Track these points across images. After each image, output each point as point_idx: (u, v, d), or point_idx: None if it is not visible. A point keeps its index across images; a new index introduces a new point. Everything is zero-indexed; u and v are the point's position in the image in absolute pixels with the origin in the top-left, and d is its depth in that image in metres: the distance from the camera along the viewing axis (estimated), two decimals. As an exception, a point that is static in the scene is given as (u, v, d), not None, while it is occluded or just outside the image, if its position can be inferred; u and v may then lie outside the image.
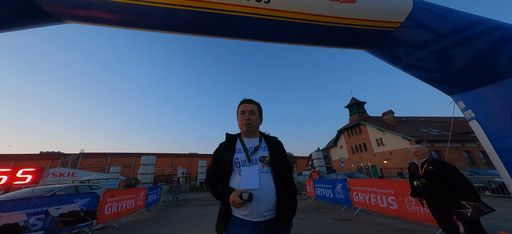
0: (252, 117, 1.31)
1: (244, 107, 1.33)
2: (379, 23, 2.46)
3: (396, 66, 3.01)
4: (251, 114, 1.31)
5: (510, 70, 2.18)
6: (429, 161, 2.83)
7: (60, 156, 32.35)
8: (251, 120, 1.30)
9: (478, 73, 2.36)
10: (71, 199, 4.50)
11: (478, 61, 2.29)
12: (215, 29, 2.54)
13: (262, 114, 1.44)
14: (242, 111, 1.33)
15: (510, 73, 2.18)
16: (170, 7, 2.24)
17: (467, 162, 17.68)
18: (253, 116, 1.32)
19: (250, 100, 1.37)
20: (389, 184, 4.25)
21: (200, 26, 2.47)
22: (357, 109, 27.02)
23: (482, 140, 2.50)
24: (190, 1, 2.22)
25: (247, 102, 1.36)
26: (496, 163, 2.38)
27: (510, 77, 2.20)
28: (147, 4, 2.21)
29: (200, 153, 40.61)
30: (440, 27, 2.35)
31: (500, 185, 7.67)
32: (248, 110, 1.31)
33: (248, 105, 1.33)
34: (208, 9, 2.27)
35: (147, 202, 7.20)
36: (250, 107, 1.32)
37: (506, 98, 2.24)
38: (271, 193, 1.14)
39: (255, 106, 1.35)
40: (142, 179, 15.78)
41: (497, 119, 2.31)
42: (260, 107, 1.41)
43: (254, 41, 2.82)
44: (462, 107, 2.70)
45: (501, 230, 2.00)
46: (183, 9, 2.25)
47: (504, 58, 2.15)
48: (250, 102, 1.36)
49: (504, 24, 2.25)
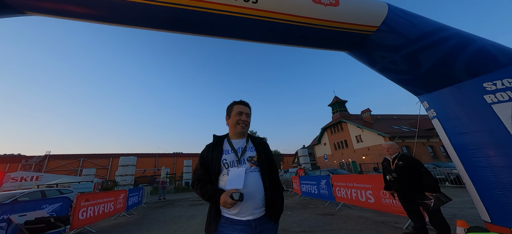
0: (248, 119, 1.38)
1: (242, 108, 1.37)
2: (359, 26, 2.63)
3: (373, 68, 3.24)
4: (248, 116, 1.38)
5: (465, 74, 2.47)
6: (399, 157, 3.12)
7: (21, 159, 28.87)
8: (247, 122, 1.36)
9: (439, 76, 2.65)
10: (38, 205, 4.10)
11: (440, 65, 2.56)
12: (200, 27, 2.49)
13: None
14: (239, 112, 1.35)
15: (466, 76, 2.48)
16: (152, 4, 2.13)
17: (431, 155, 19.77)
18: (249, 118, 1.39)
19: (247, 103, 1.43)
20: (367, 179, 4.60)
21: (183, 24, 2.40)
22: (339, 108, 28.42)
23: (442, 136, 2.83)
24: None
25: (245, 104, 1.41)
26: (453, 157, 2.71)
27: (465, 80, 2.50)
28: (131, 1, 2.07)
29: (185, 153, 39.29)
30: (410, 33, 2.58)
31: (457, 176, 8.73)
32: (245, 112, 1.37)
33: (246, 108, 1.39)
34: (192, 7, 2.21)
35: (128, 204, 6.81)
36: (248, 110, 1.39)
37: (462, 99, 2.55)
38: (260, 191, 1.19)
39: (250, 109, 1.42)
40: (121, 181, 14.82)
41: (454, 117, 2.62)
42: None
43: (240, 40, 2.82)
44: (426, 107, 3.02)
45: (458, 218, 2.31)
46: (164, 6, 2.16)
47: (460, 63, 2.44)
48: (247, 105, 1.42)
49: (461, 32, 2.54)
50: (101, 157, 32.77)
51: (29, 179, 13.64)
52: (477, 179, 2.41)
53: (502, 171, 2.17)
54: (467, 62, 2.41)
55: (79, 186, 12.77)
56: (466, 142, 2.48)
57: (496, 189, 2.22)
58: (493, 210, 2.28)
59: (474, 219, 3.50)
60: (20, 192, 6.10)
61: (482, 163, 2.33)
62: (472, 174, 2.46)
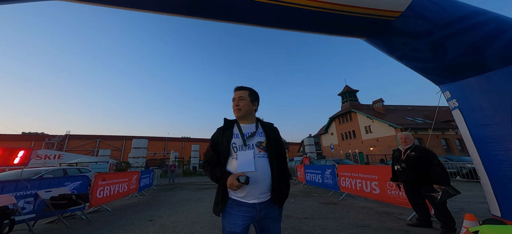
0: (241, 102, 1.34)
1: (234, 94, 1.39)
2: (380, 12, 2.41)
3: (391, 55, 3.03)
4: (240, 100, 1.35)
5: (498, 62, 2.24)
6: (412, 148, 3.03)
7: (44, 137, 31.02)
8: (240, 105, 1.34)
9: (467, 64, 2.43)
10: (61, 182, 4.45)
11: (470, 53, 2.33)
12: (213, 12, 2.41)
13: (258, 100, 1.45)
14: (233, 99, 1.39)
15: (497, 65, 2.26)
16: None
17: (444, 149, 19.10)
18: (242, 101, 1.35)
19: (239, 87, 1.41)
20: (374, 170, 4.55)
21: (197, 9, 2.32)
22: (349, 97, 27.61)
23: (462, 128, 2.68)
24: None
25: (236, 89, 1.41)
26: (471, 149, 2.59)
27: (496, 69, 2.28)
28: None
29: (193, 137, 40.51)
30: (439, 18, 2.33)
31: (470, 170, 8.44)
32: (237, 97, 1.36)
33: (237, 92, 1.38)
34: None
35: (140, 186, 7.27)
36: (239, 94, 1.37)
37: (489, 88, 2.36)
38: (267, 177, 1.21)
39: (244, 92, 1.38)
40: (134, 163, 15.67)
41: (478, 108, 2.46)
42: (253, 92, 1.42)
43: (253, 26, 2.71)
44: (448, 96, 2.83)
45: (466, 212, 2.26)
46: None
47: (494, 49, 2.20)
48: (239, 89, 1.40)
49: (500, 17, 2.25)
50: (116, 138, 34.53)
51: (52, 157, 14.76)
52: (493, 173, 2.32)
53: (521, 165, 2.06)
54: (502, 49, 2.17)
55: (96, 166, 13.69)
56: (488, 134, 2.35)
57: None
58: (506, 204, 2.21)
59: (483, 213, 3.41)
60: (44, 169, 6.65)
61: (502, 156, 2.22)
62: (489, 167, 2.36)
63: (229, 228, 1.15)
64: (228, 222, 1.17)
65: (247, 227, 1.18)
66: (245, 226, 1.15)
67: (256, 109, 1.44)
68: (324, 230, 3.01)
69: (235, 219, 1.15)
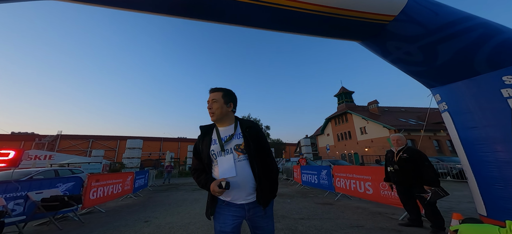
0: (214, 105, 1.29)
1: (208, 98, 1.34)
2: (375, 15, 2.48)
3: (385, 59, 3.11)
4: (213, 103, 1.30)
5: (486, 67, 2.34)
6: (404, 149, 3.11)
7: (35, 137, 30.21)
8: (213, 109, 1.29)
9: (457, 68, 2.52)
10: (53, 183, 4.35)
11: (459, 57, 2.43)
12: (208, 14, 2.42)
13: (234, 100, 1.38)
14: (207, 101, 1.33)
15: (485, 69, 2.35)
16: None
17: (436, 150, 19.57)
18: (215, 104, 1.29)
19: (212, 89, 1.35)
20: (367, 171, 4.64)
21: (193, 11, 2.34)
22: (345, 99, 27.95)
23: (451, 130, 2.78)
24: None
25: (210, 92, 1.35)
26: (459, 151, 2.69)
27: (484, 73, 2.37)
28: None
29: (189, 138, 40.17)
30: (431, 23, 2.41)
31: (460, 171, 8.69)
32: (210, 100, 1.31)
33: (210, 95, 1.33)
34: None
35: (134, 186, 7.17)
36: (212, 96, 1.31)
37: (477, 92, 2.45)
38: (250, 180, 1.20)
39: (217, 94, 1.31)
40: (128, 164, 15.45)
41: (466, 111, 2.55)
42: (227, 92, 1.35)
43: (249, 28, 2.73)
44: (438, 99, 2.92)
45: (455, 211, 2.35)
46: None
47: (482, 54, 2.30)
48: (212, 91, 1.34)
49: (488, 22, 2.35)
50: (109, 138, 33.92)
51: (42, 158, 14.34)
52: (480, 174, 2.41)
53: (507, 166, 2.16)
54: (489, 54, 2.27)
55: (89, 166, 13.42)
56: (475, 137, 2.44)
57: (498, 184, 2.23)
58: (491, 204, 2.31)
59: (471, 212, 3.54)
60: (35, 170, 6.47)
61: (488, 157, 2.32)
62: (476, 168, 2.46)
63: (219, 227, 1.18)
64: (218, 222, 1.19)
65: (238, 226, 1.19)
66: (235, 225, 1.17)
67: (234, 110, 1.37)
68: (319, 231, 3.05)
69: (225, 218, 1.18)
